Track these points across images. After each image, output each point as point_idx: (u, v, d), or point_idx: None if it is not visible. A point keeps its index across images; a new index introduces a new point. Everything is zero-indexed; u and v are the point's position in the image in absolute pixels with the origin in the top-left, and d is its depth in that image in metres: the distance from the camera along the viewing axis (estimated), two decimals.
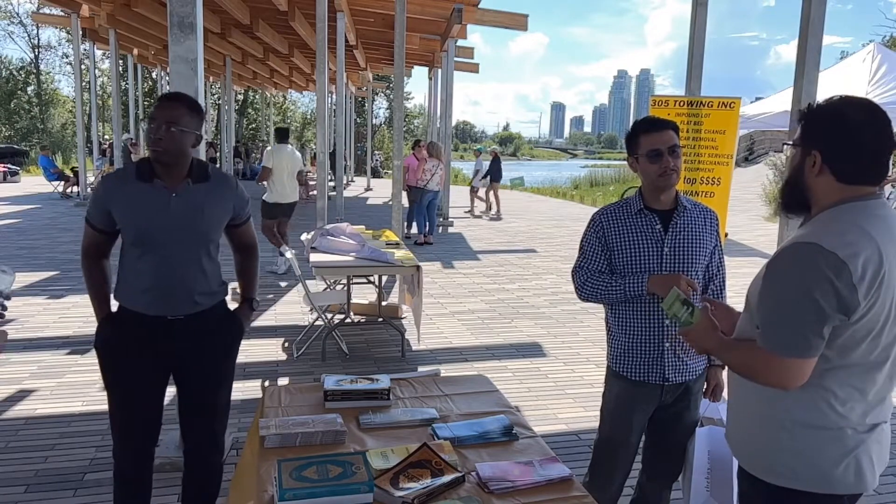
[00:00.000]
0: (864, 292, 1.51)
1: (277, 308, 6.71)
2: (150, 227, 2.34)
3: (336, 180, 13.03)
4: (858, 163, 1.62)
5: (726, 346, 1.76)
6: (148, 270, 2.37)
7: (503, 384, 3.82)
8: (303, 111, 53.55)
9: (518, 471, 1.97)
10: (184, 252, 2.39)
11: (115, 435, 2.52)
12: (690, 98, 5.39)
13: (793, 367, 1.57)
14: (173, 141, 2.30)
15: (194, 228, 2.39)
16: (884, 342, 1.59)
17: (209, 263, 2.48)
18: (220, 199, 2.47)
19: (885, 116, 1.62)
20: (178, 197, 2.37)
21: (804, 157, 1.67)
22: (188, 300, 2.43)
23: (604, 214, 2.46)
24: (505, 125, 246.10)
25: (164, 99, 2.38)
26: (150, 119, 2.32)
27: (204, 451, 2.65)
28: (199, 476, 2.69)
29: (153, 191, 2.36)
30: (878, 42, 15.88)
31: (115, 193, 2.37)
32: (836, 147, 1.62)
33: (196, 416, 2.60)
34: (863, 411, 1.63)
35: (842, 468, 1.63)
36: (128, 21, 14.05)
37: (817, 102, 1.69)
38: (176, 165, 2.37)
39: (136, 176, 2.37)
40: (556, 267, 9.24)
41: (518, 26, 12.62)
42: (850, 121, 1.60)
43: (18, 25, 41.41)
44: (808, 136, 1.67)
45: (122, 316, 2.46)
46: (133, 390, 2.46)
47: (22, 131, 39.64)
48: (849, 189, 1.62)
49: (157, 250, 2.36)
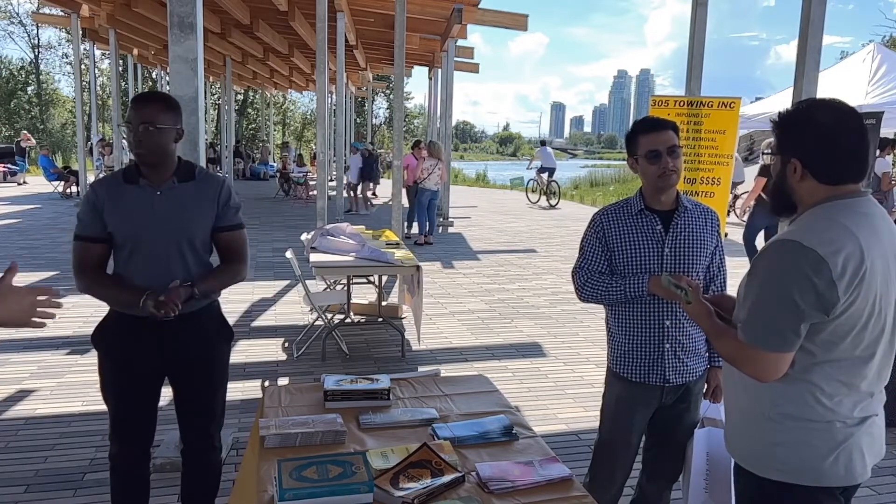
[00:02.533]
0: (843, 289, 1.54)
1: (277, 308, 6.71)
2: (136, 225, 2.35)
3: (336, 180, 13.03)
4: (837, 164, 1.65)
5: (717, 332, 1.82)
6: (137, 270, 2.37)
7: (503, 384, 3.83)
8: (303, 111, 53.56)
9: (518, 471, 1.97)
10: (171, 250, 2.38)
11: (111, 435, 2.52)
12: (690, 98, 5.39)
13: (769, 360, 1.62)
14: (153, 140, 2.30)
15: (179, 226, 2.39)
16: (868, 337, 1.62)
17: (198, 263, 2.46)
18: (204, 196, 2.45)
19: (855, 114, 1.65)
20: (162, 195, 2.37)
21: (784, 165, 1.71)
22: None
23: (604, 215, 2.46)
24: (505, 125, 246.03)
25: (138, 100, 2.36)
26: (128, 122, 2.31)
27: (201, 451, 2.66)
28: (197, 475, 2.69)
29: (139, 190, 2.37)
30: (878, 42, 15.89)
31: (106, 197, 2.37)
32: (813, 152, 1.66)
33: (192, 416, 2.60)
34: (852, 404, 1.65)
35: (831, 461, 1.65)
36: (128, 21, 14.04)
37: (787, 109, 1.73)
38: (161, 164, 2.37)
39: (124, 179, 2.39)
40: (556, 267, 9.24)
41: (518, 26, 12.62)
42: (821, 124, 1.64)
43: (18, 25, 41.40)
44: (784, 144, 1.71)
45: (114, 317, 2.46)
46: (127, 391, 2.46)
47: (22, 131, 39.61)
48: (832, 189, 1.66)
49: (144, 249, 2.36)
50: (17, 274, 1.58)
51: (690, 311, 1.94)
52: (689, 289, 1.95)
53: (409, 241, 10.62)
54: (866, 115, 6.23)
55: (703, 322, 1.89)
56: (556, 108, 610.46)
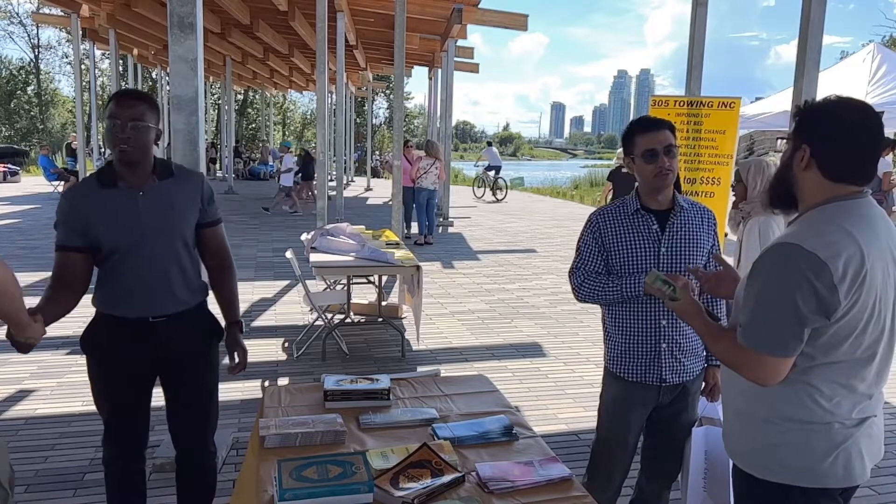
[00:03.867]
0: (844, 292, 1.53)
1: (277, 308, 6.71)
2: (122, 229, 2.28)
3: (336, 180, 13.03)
4: (846, 161, 1.64)
5: (711, 334, 1.81)
6: (126, 273, 2.32)
7: (503, 384, 3.83)
8: (303, 111, 53.57)
9: (518, 471, 1.97)
10: (160, 250, 2.34)
11: (104, 439, 2.49)
12: (690, 98, 5.39)
13: (770, 364, 1.61)
14: (140, 137, 2.25)
15: (167, 225, 2.35)
16: (868, 340, 1.61)
17: (188, 260, 2.43)
18: (188, 192, 2.42)
19: (877, 119, 1.64)
20: (145, 195, 2.32)
21: (794, 150, 1.70)
22: (169, 299, 2.38)
23: (600, 215, 2.46)
24: (505, 125, 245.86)
25: (122, 97, 2.29)
26: (111, 118, 2.24)
27: (194, 456, 2.60)
28: (191, 480, 2.64)
29: (119, 193, 2.30)
30: (878, 42, 15.88)
31: (81, 206, 2.30)
32: (826, 143, 1.64)
33: (183, 419, 2.55)
34: (851, 406, 1.65)
35: (830, 462, 1.64)
36: (128, 21, 14.05)
37: (814, 100, 1.71)
38: (141, 163, 2.31)
39: (99, 184, 2.31)
40: (556, 267, 9.24)
41: (518, 26, 12.62)
42: (842, 119, 1.63)
43: (18, 25, 41.43)
44: (799, 130, 1.70)
45: (103, 321, 2.41)
46: (118, 395, 2.42)
47: (22, 131, 39.64)
48: (835, 187, 1.65)
49: (132, 252, 2.30)
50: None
51: (678, 309, 1.92)
52: (676, 284, 1.92)
53: (409, 241, 10.62)
54: None
55: (693, 321, 1.87)
56: (556, 108, 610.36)
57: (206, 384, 2.57)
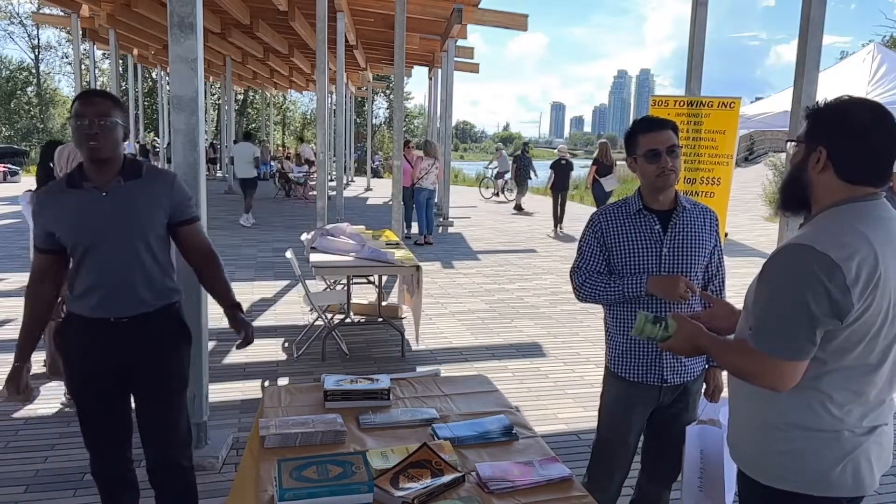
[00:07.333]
0: (857, 295, 1.50)
1: (277, 308, 6.71)
2: (84, 230, 2.29)
3: (336, 180, 13.03)
4: (862, 162, 1.61)
5: (718, 347, 1.76)
6: (89, 272, 2.32)
7: (503, 384, 3.82)
8: (303, 111, 53.58)
9: (518, 471, 1.97)
10: (122, 250, 2.33)
11: (85, 446, 2.48)
12: (690, 98, 5.40)
13: (784, 368, 1.57)
14: (108, 134, 2.26)
15: (129, 225, 2.33)
16: (881, 344, 1.58)
17: (152, 262, 2.39)
18: (155, 193, 2.39)
19: (892, 119, 1.60)
20: (108, 195, 2.31)
21: (808, 153, 1.66)
22: (131, 300, 2.36)
23: (602, 215, 2.46)
24: (505, 125, 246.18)
25: (88, 96, 2.31)
26: (77, 117, 2.24)
27: (167, 471, 2.53)
28: (166, 497, 2.58)
29: (84, 194, 2.31)
30: (879, 42, 15.88)
31: (49, 206, 2.32)
32: (842, 145, 1.61)
33: (153, 429, 2.49)
34: (861, 413, 1.62)
35: (839, 470, 1.61)
36: (128, 21, 14.06)
37: (826, 101, 1.67)
38: (110, 161, 2.31)
39: (67, 184, 2.33)
40: (556, 267, 9.24)
41: (518, 26, 12.62)
42: (858, 120, 1.60)
43: (18, 25, 41.47)
44: (814, 132, 1.66)
45: (70, 319, 2.42)
46: (88, 397, 2.41)
47: (22, 131, 39.66)
48: (850, 189, 1.61)
49: (95, 251, 2.31)
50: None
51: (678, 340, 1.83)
52: (666, 319, 1.85)
53: (409, 241, 10.62)
54: None
55: (699, 341, 1.79)
56: (556, 108, 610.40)
57: (169, 390, 2.48)
